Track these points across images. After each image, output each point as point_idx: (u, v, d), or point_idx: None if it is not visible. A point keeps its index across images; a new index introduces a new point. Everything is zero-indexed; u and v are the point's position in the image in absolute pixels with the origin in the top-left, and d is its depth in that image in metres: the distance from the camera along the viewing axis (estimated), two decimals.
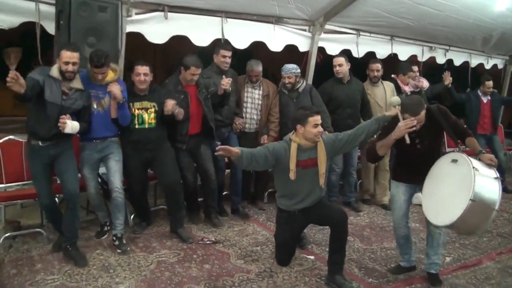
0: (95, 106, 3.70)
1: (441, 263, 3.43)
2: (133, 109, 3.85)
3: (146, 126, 3.91)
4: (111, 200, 3.78)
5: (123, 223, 3.81)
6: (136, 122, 3.88)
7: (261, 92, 4.77)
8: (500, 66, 7.66)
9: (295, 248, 3.64)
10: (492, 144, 6.31)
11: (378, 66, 5.23)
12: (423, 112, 3.13)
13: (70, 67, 3.33)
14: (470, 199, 2.76)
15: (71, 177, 3.50)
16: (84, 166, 3.77)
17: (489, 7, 5.35)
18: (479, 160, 2.98)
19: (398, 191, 3.38)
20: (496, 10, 5.39)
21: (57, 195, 3.82)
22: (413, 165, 3.28)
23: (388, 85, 5.32)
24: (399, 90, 5.51)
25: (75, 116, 3.49)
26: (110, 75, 3.71)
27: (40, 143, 3.40)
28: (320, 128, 3.24)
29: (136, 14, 4.38)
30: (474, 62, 7.04)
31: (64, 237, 3.54)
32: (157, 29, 4.52)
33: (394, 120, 3.25)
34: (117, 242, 3.74)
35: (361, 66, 5.58)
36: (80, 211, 3.68)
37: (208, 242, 3.94)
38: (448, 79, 6.00)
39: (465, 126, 3.35)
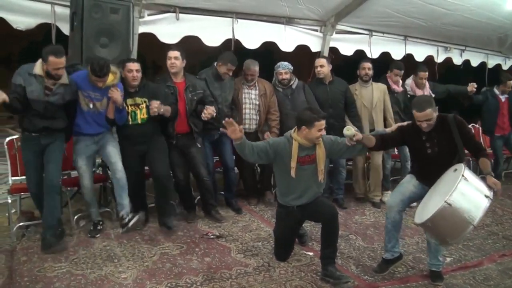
0: (91, 106, 3.79)
1: (442, 263, 3.43)
2: (125, 106, 3.95)
3: (139, 121, 4.03)
4: (115, 181, 3.91)
5: (129, 202, 3.94)
6: (130, 118, 3.99)
7: (257, 91, 4.80)
8: None
9: (293, 243, 3.70)
10: (510, 145, 6.16)
11: (369, 64, 5.14)
12: (428, 110, 3.09)
13: (60, 72, 3.46)
14: (445, 201, 2.78)
15: (53, 168, 3.63)
16: (79, 158, 3.86)
17: (501, 7, 5.32)
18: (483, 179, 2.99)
19: (410, 181, 3.43)
20: (507, 9, 5.34)
21: None
22: (425, 169, 3.32)
23: (379, 88, 5.17)
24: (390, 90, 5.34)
25: (62, 110, 3.66)
26: (110, 78, 3.76)
27: (32, 134, 3.59)
28: (323, 132, 3.31)
29: (149, 15, 4.55)
30: (491, 62, 6.93)
31: (44, 226, 3.64)
32: (169, 29, 4.68)
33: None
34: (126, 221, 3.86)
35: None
36: (61, 203, 3.85)
37: (212, 236, 4.04)
38: (472, 88, 5.80)
39: (481, 144, 3.35)
